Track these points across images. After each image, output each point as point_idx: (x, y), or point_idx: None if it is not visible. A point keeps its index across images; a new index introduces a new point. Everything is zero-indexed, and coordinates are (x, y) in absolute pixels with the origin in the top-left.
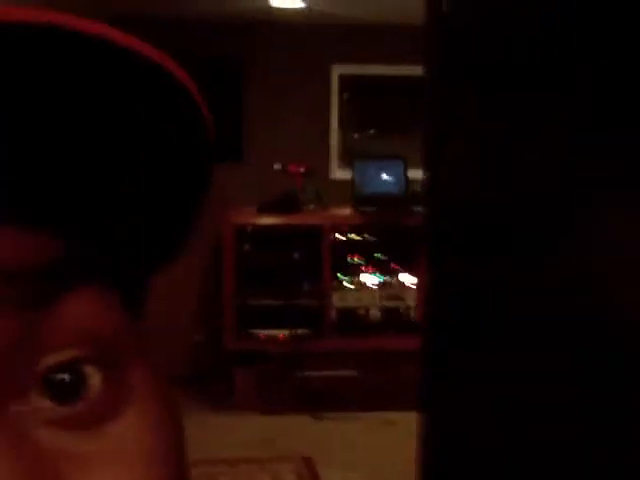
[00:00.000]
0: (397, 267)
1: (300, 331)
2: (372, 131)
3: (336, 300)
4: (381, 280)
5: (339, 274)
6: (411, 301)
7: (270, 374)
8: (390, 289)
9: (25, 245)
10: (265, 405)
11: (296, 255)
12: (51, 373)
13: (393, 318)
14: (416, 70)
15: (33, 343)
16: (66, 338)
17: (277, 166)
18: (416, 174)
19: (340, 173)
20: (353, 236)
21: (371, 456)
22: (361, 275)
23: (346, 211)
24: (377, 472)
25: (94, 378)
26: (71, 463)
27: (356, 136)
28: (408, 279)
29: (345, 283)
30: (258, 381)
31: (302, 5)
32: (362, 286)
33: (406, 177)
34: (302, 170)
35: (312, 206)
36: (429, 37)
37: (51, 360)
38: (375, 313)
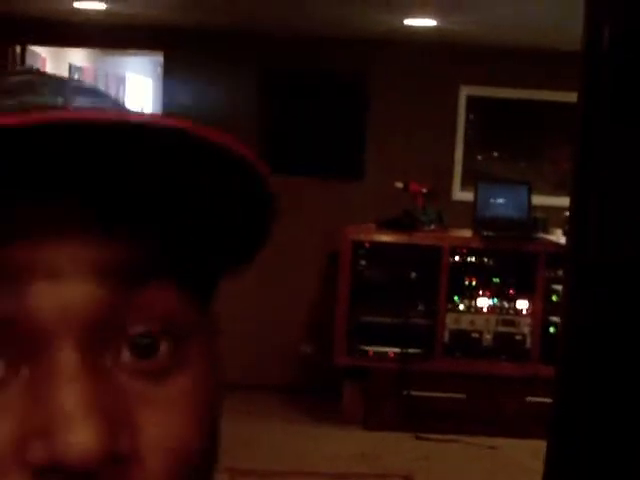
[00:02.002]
0: (514, 293)
1: (411, 350)
2: (496, 154)
3: (449, 322)
4: (497, 305)
5: (455, 296)
6: (525, 328)
7: (378, 391)
8: (505, 315)
9: (119, 245)
10: (370, 421)
11: (412, 274)
12: (136, 338)
13: (506, 344)
14: (545, 95)
15: (125, 315)
16: (148, 315)
17: (399, 185)
18: (537, 200)
19: (462, 195)
20: (472, 259)
21: (470, 479)
22: (477, 299)
23: (466, 233)
24: None
25: (164, 345)
26: (142, 401)
27: (480, 158)
28: (524, 306)
29: (460, 305)
30: (365, 397)
31: (433, 24)
32: (477, 310)
33: (529, 203)
34: (424, 190)
35: (432, 226)
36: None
37: (136, 329)
38: (488, 338)
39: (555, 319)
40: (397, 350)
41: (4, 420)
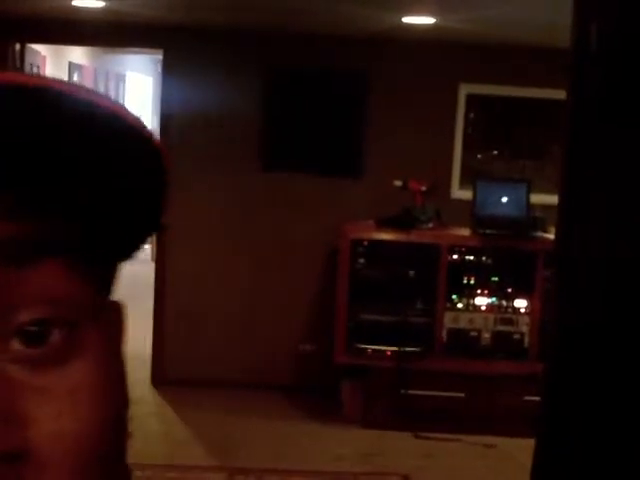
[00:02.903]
0: (512, 292)
1: (409, 349)
2: (495, 152)
3: (448, 320)
4: (495, 303)
5: (453, 295)
6: (524, 327)
7: (376, 389)
8: (504, 313)
9: (12, 221)
10: (369, 419)
11: (411, 272)
12: (23, 326)
13: (504, 343)
14: (545, 93)
15: (12, 298)
16: (37, 298)
17: (398, 182)
18: (538, 199)
19: (460, 193)
20: (470, 257)
21: (469, 478)
22: (475, 297)
23: (464, 232)
24: None
25: (56, 333)
26: (34, 392)
27: (479, 156)
28: (523, 304)
29: (458, 304)
30: (364, 395)
31: (432, 21)
32: (475, 308)
33: (528, 201)
34: (423, 188)
35: (431, 224)
36: (575, 78)
37: (23, 316)
38: (486, 336)
39: None
40: (395, 349)
41: None
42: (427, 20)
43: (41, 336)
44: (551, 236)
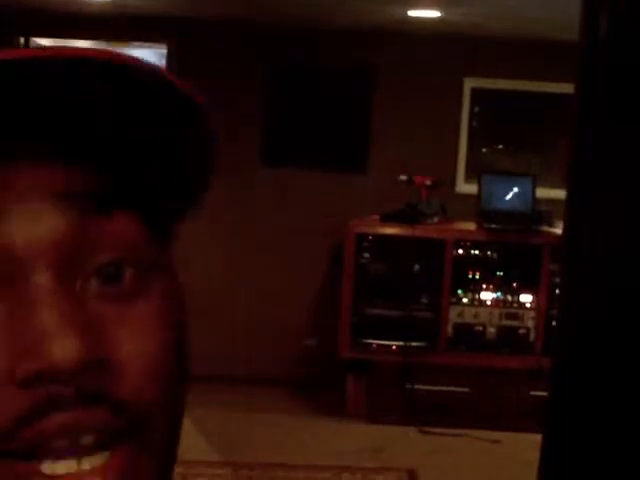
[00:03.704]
0: (518, 286)
1: (414, 343)
2: (501, 146)
3: (453, 315)
4: (500, 298)
5: (458, 289)
6: (529, 321)
7: (381, 384)
8: (509, 308)
9: (84, 178)
10: (374, 414)
11: (416, 267)
12: (101, 267)
13: (510, 337)
14: (551, 87)
15: (91, 243)
16: (112, 244)
17: (403, 177)
18: (543, 193)
19: (466, 187)
20: (475, 252)
21: (474, 473)
22: (481, 292)
23: (470, 226)
24: None
25: (128, 272)
26: (111, 321)
27: (484, 151)
28: (528, 299)
29: (464, 299)
30: (369, 390)
31: (437, 14)
32: (480, 303)
33: (534, 195)
34: (428, 182)
35: (436, 219)
36: (583, 73)
37: (102, 258)
38: (492, 331)
39: None
40: (400, 343)
41: None
42: (432, 13)
43: (116, 276)
44: (557, 230)
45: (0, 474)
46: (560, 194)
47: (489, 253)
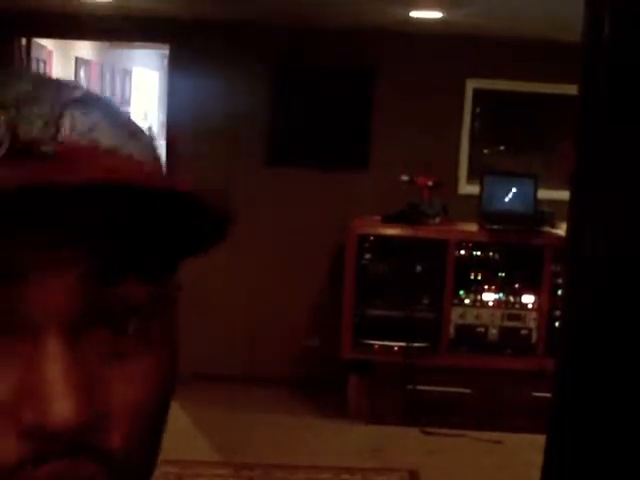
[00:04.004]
0: (520, 287)
1: (416, 344)
2: (502, 147)
3: (455, 316)
4: (502, 299)
5: (460, 290)
6: (531, 322)
7: (383, 385)
8: (511, 309)
9: (101, 258)
10: (375, 415)
11: (418, 268)
12: (108, 322)
13: (512, 339)
14: (552, 88)
15: (100, 308)
16: (119, 307)
17: (405, 178)
18: (545, 194)
19: (468, 188)
20: (477, 253)
21: (475, 474)
22: (483, 293)
23: (472, 227)
24: None
25: (132, 328)
26: (110, 375)
27: (486, 151)
28: (530, 300)
29: (465, 300)
30: (370, 391)
31: (439, 15)
32: (482, 304)
33: (535, 196)
34: (430, 183)
35: (438, 220)
36: (586, 72)
37: (109, 316)
38: (494, 332)
39: None
40: (402, 344)
41: (5, 384)
42: (434, 14)
43: (121, 331)
44: (559, 231)
45: None
46: (562, 195)
47: (491, 254)
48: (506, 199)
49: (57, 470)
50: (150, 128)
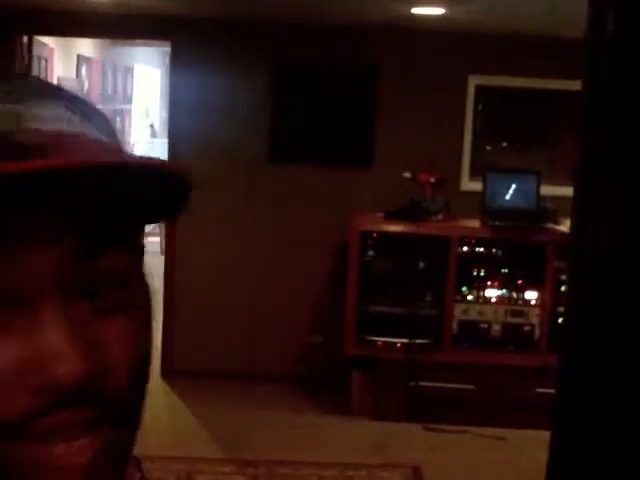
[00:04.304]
0: (522, 283)
1: (419, 341)
2: (505, 144)
3: (458, 312)
4: (505, 295)
5: (463, 287)
6: (534, 319)
7: (386, 381)
8: (514, 305)
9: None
10: (378, 411)
11: (421, 264)
12: (97, 288)
13: (514, 335)
14: (555, 84)
15: (87, 276)
16: (103, 274)
17: (407, 174)
18: (548, 190)
19: (470, 184)
20: (480, 249)
21: (478, 470)
22: (485, 289)
23: (474, 223)
24: None
25: (116, 293)
26: (105, 333)
27: (489, 148)
28: (533, 296)
29: (468, 296)
30: (373, 387)
31: (441, 12)
32: (485, 300)
33: (538, 193)
34: (432, 180)
35: (440, 216)
36: (589, 69)
37: (96, 283)
38: (496, 328)
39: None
40: (405, 340)
41: (8, 354)
42: (436, 11)
43: (108, 296)
44: (561, 228)
45: (16, 456)
46: (565, 191)
47: (494, 250)
48: (509, 196)
49: (66, 418)
50: (152, 125)
